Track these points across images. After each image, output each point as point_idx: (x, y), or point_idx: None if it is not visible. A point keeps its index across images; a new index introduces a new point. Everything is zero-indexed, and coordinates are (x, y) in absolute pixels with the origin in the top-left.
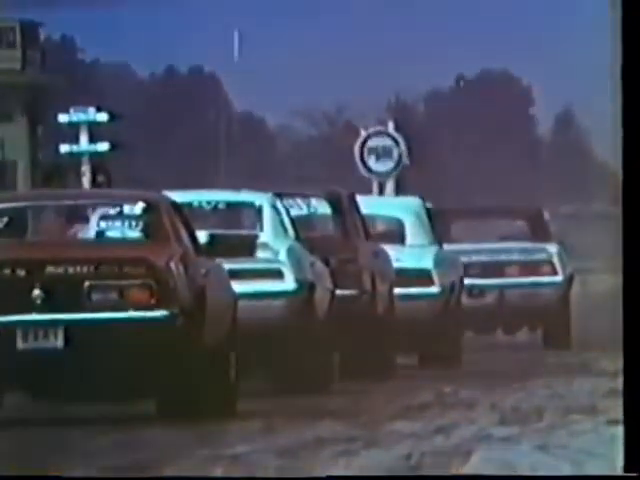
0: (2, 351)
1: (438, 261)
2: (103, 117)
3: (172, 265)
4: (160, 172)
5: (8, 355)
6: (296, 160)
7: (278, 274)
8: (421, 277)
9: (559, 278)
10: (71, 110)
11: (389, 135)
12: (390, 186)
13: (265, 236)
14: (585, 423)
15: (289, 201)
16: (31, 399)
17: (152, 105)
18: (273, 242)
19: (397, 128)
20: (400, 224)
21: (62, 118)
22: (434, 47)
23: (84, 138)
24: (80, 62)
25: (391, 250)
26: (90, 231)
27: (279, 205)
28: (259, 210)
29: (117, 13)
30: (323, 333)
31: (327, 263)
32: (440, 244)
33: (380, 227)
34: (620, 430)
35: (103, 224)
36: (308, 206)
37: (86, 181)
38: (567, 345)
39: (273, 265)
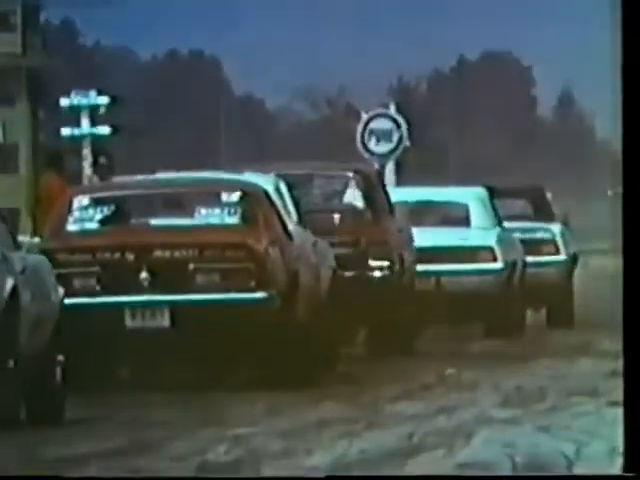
0: (112, 329)
1: (500, 240)
2: (104, 100)
3: (270, 250)
4: (161, 154)
5: (118, 332)
6: (297, 142)
7: None
8: (485, 253)
9: (562, 257)
10: (72, 93)
11: (390, 117)
12: (390, 168)
13: None
14: (587, 405)
15: (319, 179)
16: (137, 373)
17: (153, 87)
18: None
19: (398, 110)
20: (466, 209)
21: (63, 101)
22: (435, 29)
23: (85, 121)
24: (81, 45)
25: (459, 231)
26: (192, 216)
27: (282, 187)
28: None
29: None
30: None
31: (355, 244)
32: (502, 227)
33: (449, 213)
34: (621, 412)
35: (203, 210)
36: (336, 184)
37: (87, 164)
38: (570, 324)
39: None
